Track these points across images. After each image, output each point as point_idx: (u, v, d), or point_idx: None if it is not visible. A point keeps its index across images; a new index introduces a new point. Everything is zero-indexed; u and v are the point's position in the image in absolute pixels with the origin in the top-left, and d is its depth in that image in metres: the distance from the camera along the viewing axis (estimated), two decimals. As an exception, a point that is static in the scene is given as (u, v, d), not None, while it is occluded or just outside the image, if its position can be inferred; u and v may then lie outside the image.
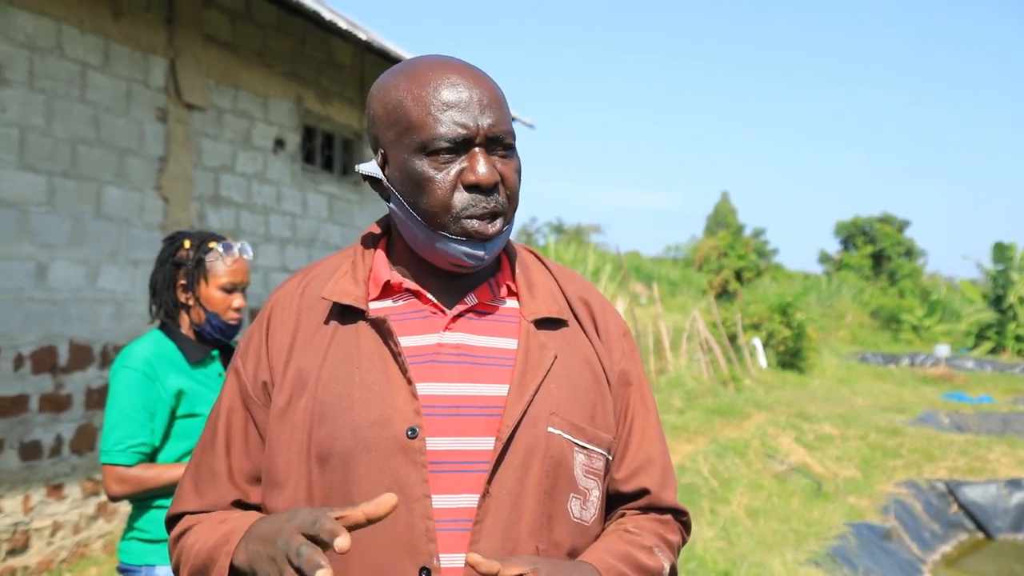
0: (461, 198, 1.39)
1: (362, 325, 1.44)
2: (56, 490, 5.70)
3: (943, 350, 27.53)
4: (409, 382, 1.38)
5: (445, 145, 1.38)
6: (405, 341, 1.43)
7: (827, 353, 25.20)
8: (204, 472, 1.50)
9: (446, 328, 1.45)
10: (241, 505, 1.49)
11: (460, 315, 1.47)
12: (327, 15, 7.05)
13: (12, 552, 5.40)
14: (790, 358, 21.78)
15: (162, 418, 2.82)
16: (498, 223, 1.42)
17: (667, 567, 1.50)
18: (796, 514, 9.05)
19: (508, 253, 1.57)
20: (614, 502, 1.56)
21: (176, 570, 1.49)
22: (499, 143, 1.42)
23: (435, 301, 1.47)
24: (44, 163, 5.61)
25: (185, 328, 2.97)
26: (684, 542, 1.60)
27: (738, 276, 34.90)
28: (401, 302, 1.48)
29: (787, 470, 10.86)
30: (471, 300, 1.48)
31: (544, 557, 1.38)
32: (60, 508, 5.73)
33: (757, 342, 20.88)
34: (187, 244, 2.96)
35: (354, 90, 8.84)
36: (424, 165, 1.40)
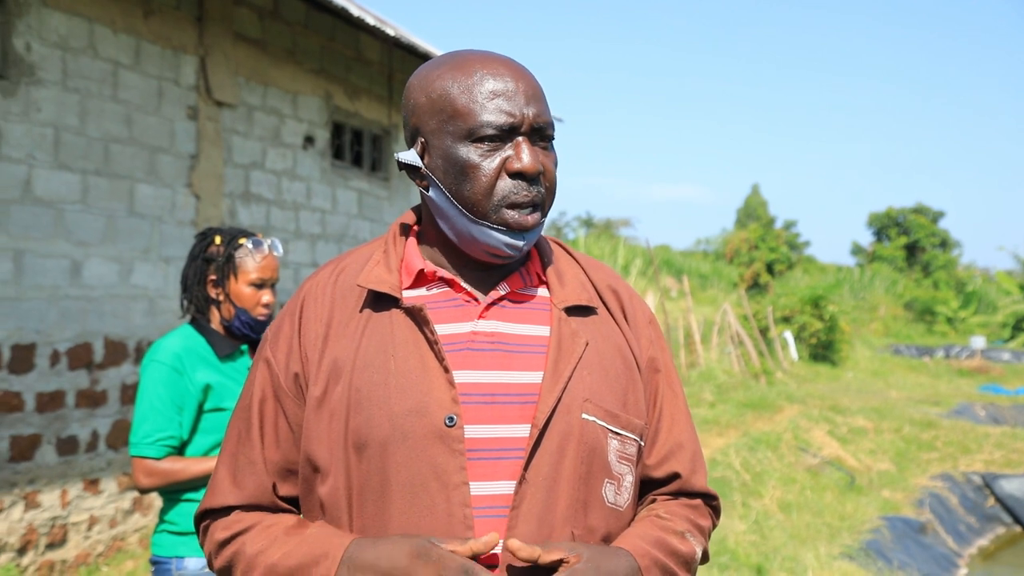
0: (504, 185, 1.41)
1: (396, 313, 1.45)
2: (93, 485, 5.78)
3: (979, 342, 27.22)
4: (446, 370, 1.39)
5: (491, 132, 1.40)
6: (440, 329, 1.44)
7: (860, 346, 25.01)
8: (242, 463, 1.50)
9: (480, 316, 1.46)
10: (276, 494, 1.51)
11: (493, 303, 1.48)
12: (355, 11, 7.07)
13: (51, 546, 5.48)
14: (822, 351, 21.64)
15: (190, 412, 2.85)
16: (537, 214, 1.44)
17: (699, 552, 1.51)
18: (829, 508, 8.99)
19: (537, 243, 1.58)
20: (645, 488, 1.57)
21: (224, 572, 1.48)
22: (541, 134, 1.44)
23: (469, 289, 1.48)
24: (78, 162, 5.67)
25: (215, 323, 3.00)
26: (714, 526, 1.61)
27: (769, 269, 34.65)
28: (435, 291, 1.50)
29: (820, 463, 10.80)
30: (504, 289, 1.49)
31: (580, 542, 1.39)
32: (97, 502, 5.80)
33: (788, 335, 20.75)
34: (218, 240, 2.99)
35: (383, 86, 8.86)
36: (469, 151, 1.41)
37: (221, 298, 2.97)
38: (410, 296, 1.49)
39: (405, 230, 1.57)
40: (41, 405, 5.45)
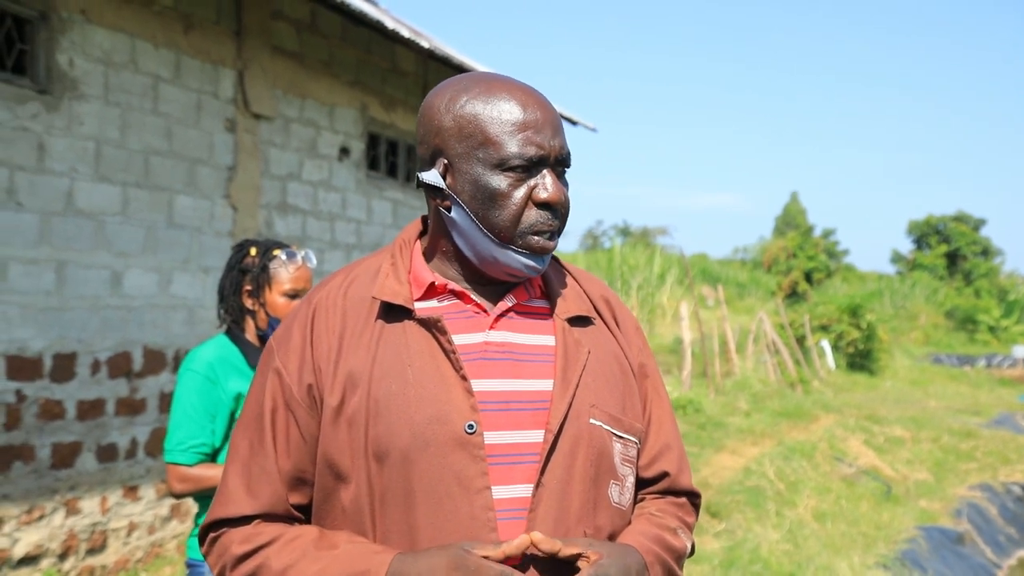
0: (531, 215, 1.49)
1: (409, 324, 1.50)
2: (132, 491, 5.89)
3: (1021, 351, 26.85)
4: (464, 379, 1.45)
5: (521, 163, 1.47)
6: (454, 340, 1.49)
7: (899, 354, 24.77)
8: (256, 472, 1.51)
9: (491, 327, 1.53)
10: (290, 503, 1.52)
11: (502, 314, 1.55)
12: (390, 24, 7.16)
13: (91, 551, 5.59)
14: (860, 360, 21.46)
15: (222, 420, 2.92)
16: (556, 240, 1.53)
17: (688, 546, 1.62)
18: (865, 517, 8.93)
19: None
20: (636, 487, 1.64)
21: None
22: (564, 164, 1.53)
23: (478, 301, 1.55)
24: (119, 174, 5.79)
25: (250, 333, 3.06)
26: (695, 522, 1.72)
27: (808, 277, 34.44)
28: (446, 302, 1.55)
29: (856, 473, 10.72)
30: (510, 301, 1.56)
31: (595, 540, 1.47)
32: (136, 509, 5.91)
33: (825, 344, 20.61)
34: (253, 251, 3.07)
35: (417, 97, 8.95)
36: (499, 180, 1.47)
37: (256, 308, 3.04)
38: (421, 308, 1.53)
39: (410, 241, 1.62)
40: (82, 413, 5.56)
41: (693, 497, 1.70)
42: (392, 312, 1.51)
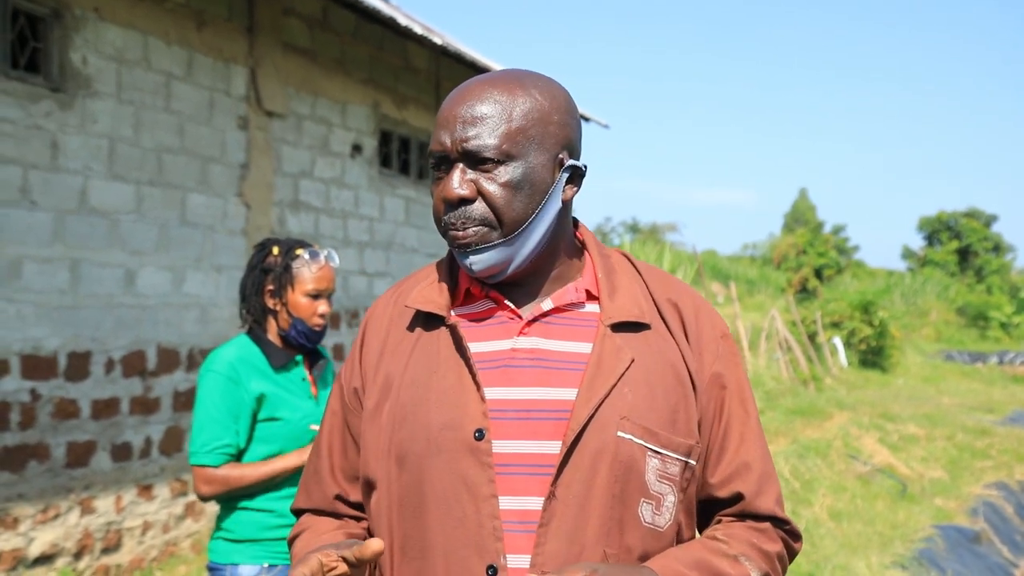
0: (443, 214, 1.46)
1: (443, 331, 1.49)
2: (146, 490, 5.87)
3: (1034, 348, 26.73)
4: (477, 386, 1.42)
5: (432, 162, 1.47)
6: (481, 346, 1.47)
7: (911, 351, 24.69)
8: (310, 472, 1.64)
9: (520, 333, 1.48)
10: (343, 500, 1.59)
11: (535, 320, 1.49)
12: (403, 20, 7.13)
13: (105, 551, 5.57)
14: (872, 357, 21.38)
15: (245, 420, 2.89)
16: (470, 232, 1.44)
17: None
18: (881, 516, 8.87)
19: (594, 257, 1.58)
20: (711, 508, 1.54)
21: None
22: (476, 158, 1.43)
23: (511, 306, 1.50)
24: (132, 172, 5.77)
25: (272, 333, 3.03)
26: (792, 552, 1.56)
27: (818, 274, 34.33)
28: (481, 308, 1.52)
29: (871, 471, 10.66)
30: (547, 305, 1.50)
31: (613, 562, 1.38)
32: (150, 508, 5.89)
33: (838, 341, 20.53)
34: (275, 251, 3.02)
35: (430, 94, 8.92)
36: (432, 180, 1.50)
37: (278, 308, 3.00)
38: (459, 314, 1.52)
39: None
40: (96, 412, 5.54)
41: (780, 523, 1.53)
42: (430, 320, 1.52)
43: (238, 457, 2.91)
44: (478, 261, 1.45)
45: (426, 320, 1.52)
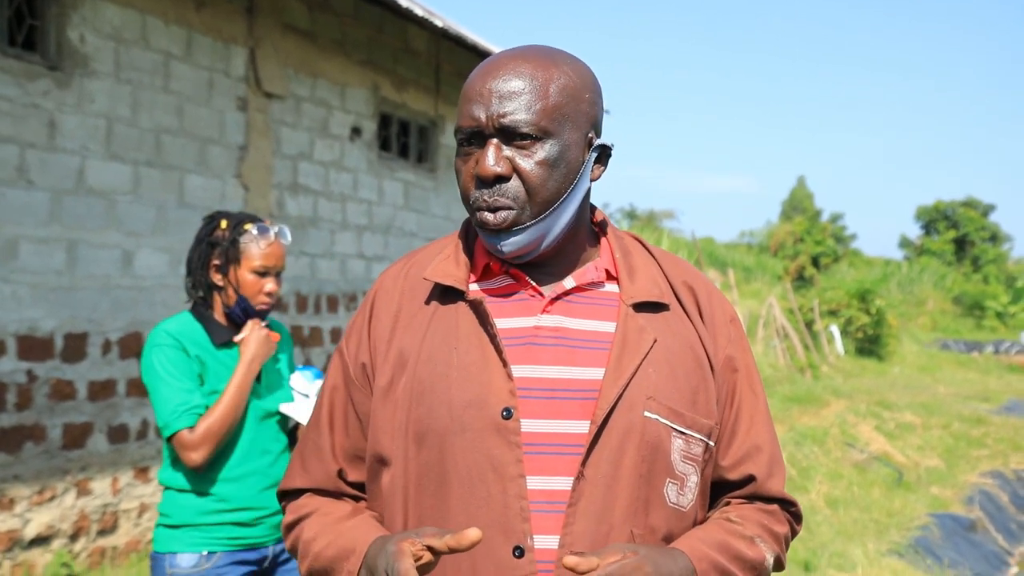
0: (474, 191, 1.41)
1: (461, 306, 1.46)
2: (143, 472, 5.84)
3: (1030, 337, 26.79)
4: (504, 363, 1.39)
5: (462, 137, 1.42)
6: (504, 323, 1.44)
7: (907, 340, 24.73)
8: (310, 448, 1.57)
9: (543, 311, 1.45)
10: (344, 479, 1.55)
11: (558, 298, 1.47)
12: (403, 2, 7.07)
13: (102, 532, 5.55)
14: (869, 345, 21.42)
15: (199, 385, 2.78)
16: (505, 214, 1.40)
17: (770, 558, 1.47)
18: (877, 504, 8.89)
19: (611, 239, 1.56)
20: (720, 490, 1.54)
21: (292, 553, 1.56)
22: (505, 134, 1.39)
23: (534, 284, 1.47)
24: (130, 153, 5.73)
25: (218, 311, 2.90)
26: (795, 533, 1.57)
27: (815, 262, 34.34)
28: (501, 284, 1.50)
29: (867, 459, 10.68)
30: (569, 283, 1.48)
31: (640, 542, 1.37)
32: (147, 490, 5.87)
33: (835, 329, 20.56)
34: (223, 224, 2.89)
35: (430, 77, 8.87)
36: (459, 154, 1.45)
37: (224, 285, 2.87)
38: (476, 289, 1.49)
39: None
40: (93, 393, 5.52)
41: (786, 505, 1.55)
42: (447, 295, 1.48)
43: None
44: (510, 244, 1.42)
45: (443, 294, 1.49)
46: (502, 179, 1.39)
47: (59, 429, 5.32)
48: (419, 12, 7.29)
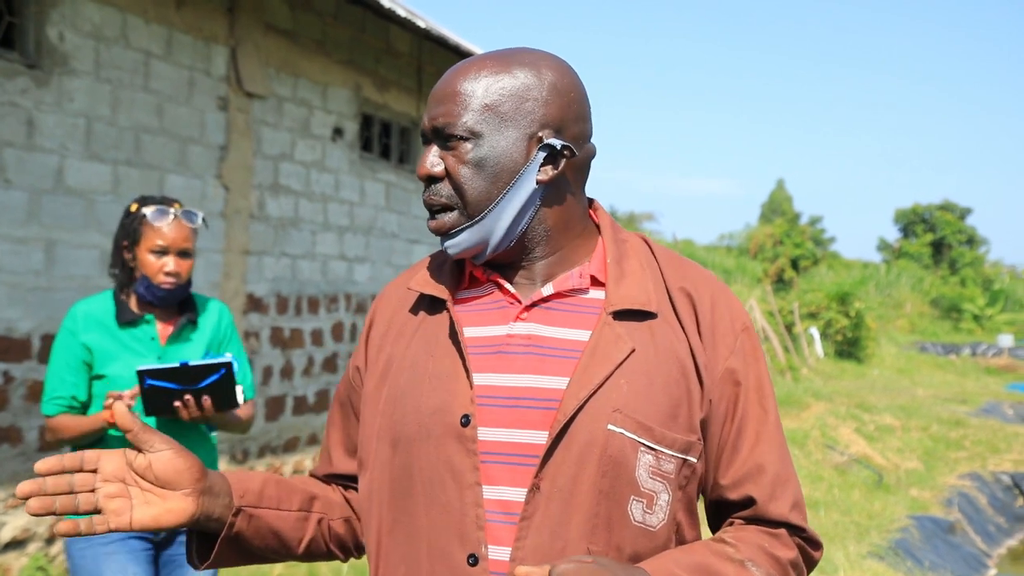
0: (423, 193, 1.48)
1: (444, 315, 1.47)
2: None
3: (1006, 340, 27.03)
4: (467, 371, 1.39)
5: (423, 141, 1.47)
6: (477, 331, 1.43)
7: (886, 343, 24.87)
8: (323, 443, 1.68)
9: (516, 318, 1.43)
10: (340, 474, 1.64)
11: (534, 305, 1.43)
12: (386, 2, 7.04)
13: (79, 535, 5.48)
14: (848, 347, 21.51)
15: (84, 373, 2.94)
16: (444, 216, 1.43)
17: None
18: (857, 506, 8.92)
19: (607, 242, 1.49)
20: (723, 510, 1.47)
21: None
22: (440, 136, 1.43)
23: (512, 291, 1.45)
24: (109, 152, 5.67)
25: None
26: (809, 561, 1.47)
27: (794, 265, 34.43)
28: (485, 292, 1.49)
29: (847, 461, 10.72)
30: (547, 290, 1.44)
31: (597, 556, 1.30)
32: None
33: (815, 331, 20.63)
34: (134, 207, 3.04)
35: (412, 78, 8.83)
36: None
37: (133, 264, 3.02)
38: (462, 298, 1.50)
39: None
40: (71, 395, 5.45)
41: (796, 530, 1.43)
42: (434, 304, 1.50)
43: (83, 410, 2.95)
44: (452, 245, 1.44)
45: (430, 304, 1.50)
46: (434, 179, 1.43)
47: (35, 431, 5.26)
48: (401, 13, 7.26)
